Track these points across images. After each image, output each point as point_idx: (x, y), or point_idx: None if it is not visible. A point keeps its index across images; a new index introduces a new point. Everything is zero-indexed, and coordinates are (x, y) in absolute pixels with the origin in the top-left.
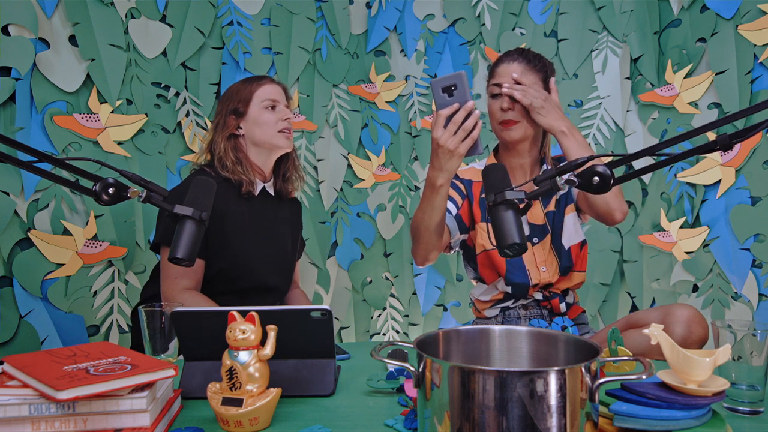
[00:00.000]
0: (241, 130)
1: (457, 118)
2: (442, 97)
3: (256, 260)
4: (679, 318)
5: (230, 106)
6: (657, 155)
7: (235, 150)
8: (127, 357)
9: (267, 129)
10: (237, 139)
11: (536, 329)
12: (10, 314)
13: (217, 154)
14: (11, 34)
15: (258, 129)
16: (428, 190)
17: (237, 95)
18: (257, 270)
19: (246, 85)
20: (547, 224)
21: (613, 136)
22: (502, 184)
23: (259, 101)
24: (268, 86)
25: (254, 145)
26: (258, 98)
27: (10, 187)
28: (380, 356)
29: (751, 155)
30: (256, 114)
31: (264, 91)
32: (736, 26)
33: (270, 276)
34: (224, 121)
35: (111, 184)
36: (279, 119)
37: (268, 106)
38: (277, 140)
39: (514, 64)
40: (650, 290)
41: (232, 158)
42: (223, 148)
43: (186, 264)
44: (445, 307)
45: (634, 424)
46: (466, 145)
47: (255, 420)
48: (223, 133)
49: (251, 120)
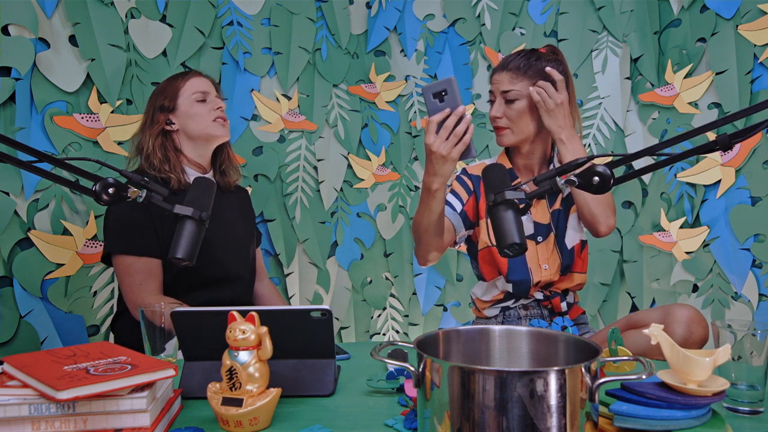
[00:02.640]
0: (174, 125)
1: (448, 124)
2: (434, 102)
3: (213, 248)
4: (680, 318)
5: (157, 102)
6: (657, 155)
7: (164, 148)
8: (127, 357)
9: (200, 120)
10: (169, 135)
11: (536, 329)
12: (10, 314)
13: (145, 152)
14: (11, 34)
15: (192, 122)
16: (425, 194)
17: (163, 92)
18: (217, 258)
19: (172, 81)
20: (551, 223)
21: (613, 136)
22: (502, 183)
23: (188, 95)
24: (195, 79)
25: (190, 139)
26: (186, 92)
27: (10, 187)
28: (380, 356)
29: (751, 155)
30: (187, 107)
31: (191, 85)
32: (736, 26)
33: (231, 264)
34: (152, 119)
35: (111, 184)
36: (211, 109)
37: (199, 98)
38: (213, 129)
39: (504, 72)
40: (650, 290)
41: (159, 156)
42: (151, 145)
43: (186, 264)
44: (445, 307)
45: (634, 424)
46: (459, 150)
47: (255, 420)
48: (152, 130)
49: (183, 114)
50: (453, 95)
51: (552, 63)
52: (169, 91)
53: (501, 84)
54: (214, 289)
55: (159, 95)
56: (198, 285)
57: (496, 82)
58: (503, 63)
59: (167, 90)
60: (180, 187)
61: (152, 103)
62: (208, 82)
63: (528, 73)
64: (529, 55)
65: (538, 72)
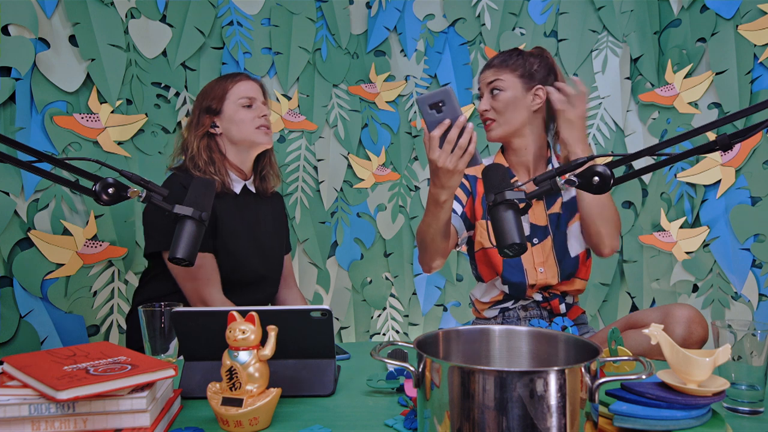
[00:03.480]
0: (217, 128)
1: (451, 137)
2: (431, 114)
3: (249, 256)
4: (680, 318)
5: (204, 103)
6: (657, 155)
7: (209, 149)
8: (127, 357)
9: (244, 127)
10: (213, 138)
11: (536, 329)
12: (10, 314)
13: (190, 154)
14: (11, 34)
15: (235, 127)
16: (432, 205)
17: (211, 93)
18: (249, 265)
19: (220, 82)
20: (549, 226)
21: (613, 136)
22: (502, 183)
23: (234, 99)
24: (243, 83)
25: (232, 144)
26: (233, 96)
27: (10, 187)
28: (380, 356)
29: (751, 155)
30: (232, 112)
31: (239, 89)
32: (736, 26)
33: (260, 269)
34: (198, 120)
35: (111, 184)
36: (256, 116)
37: (245, 104)
38: (256, 137)
39: (488, 70)
40: (650, 290)
41: (204, 158)
42: (196, 147)
43: (186, 264)
44: (445, 307)
45: (634, 424)
46: (465, 161)
47: (255, 420)
48: (197, 131)
49: (227, 118)
50: (451, 105)
51: (537, 58)
52: (216, 93)
53: (486, 78)
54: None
55: (206, 96)
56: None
57: (482, 79)
58: (488, 61)
59: (215, 91)
60: (223, 190)
61: (199, 103)
62: (256, 87)
63: (510, 65)
64: (512, 52)
65: (521, 65)
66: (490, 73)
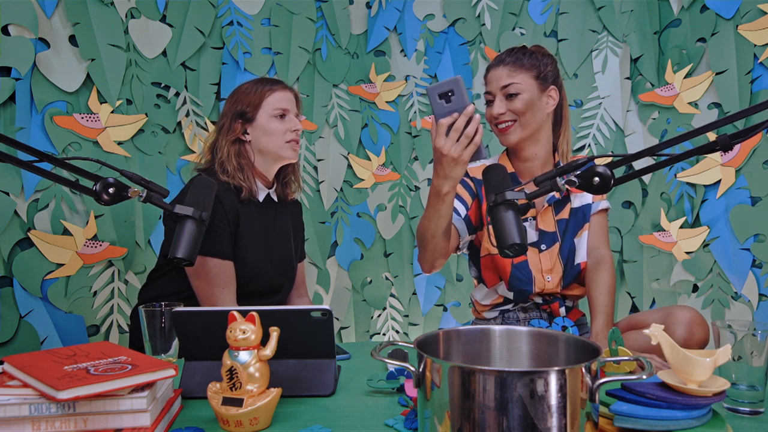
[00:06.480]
0: (247, 136)
1: (458, 126)
2: (440, 103)
3: (264, 265)
4: (680, 320)
5: (238, 108)
6: (657, 155)
7: (239, 156)
8: (127, 357)
9: (275, 139)
10: (243, 144)
11: (536, 329)
12: (10, 314)
13: (219, 158)
14: (11, 34)
15: (265, 138)
16: (433, 198)
17: (246, 98)
18: (264, 273)
19: (257, 88)
20: (557, 232)
21: (613, 136)
22: (502, 184)
23: (269, 108)
24: (280, 93)
25: (260, 153)
26: (268, 105)
27: (10, 187)
28: (380, 356)
29: (751, 155)
30: (265, 122)
31: (275, 98)
32: (736, 26)
33: (276, 278)
34: (230, 125)
35: (111, 184)
36: (288, 129)
37: (278, 114)
38: (284, 152)
39: (500, 68)
40: (650, 290)
41: (234, 164)
42: (226, 152)
43: (186, 264)
44: (445, 307)
45: (634, 424)
46: (470, 151)
47: (255, 420)
48: (228, 137)
49: (259, 127)
50: (460, 95)
51: (546, 58)
52: (252, 100)
53: (500, 80)
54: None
55: (241, 101)
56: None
57: (493, 79)
58: (498, 59)
59: (250, 97)
60: (249, 197)
61: (232, 106)
62: (291, 97)
63: (525, 65)
64: (524, 50)
65: (535, 65)
66: (505, 75)
